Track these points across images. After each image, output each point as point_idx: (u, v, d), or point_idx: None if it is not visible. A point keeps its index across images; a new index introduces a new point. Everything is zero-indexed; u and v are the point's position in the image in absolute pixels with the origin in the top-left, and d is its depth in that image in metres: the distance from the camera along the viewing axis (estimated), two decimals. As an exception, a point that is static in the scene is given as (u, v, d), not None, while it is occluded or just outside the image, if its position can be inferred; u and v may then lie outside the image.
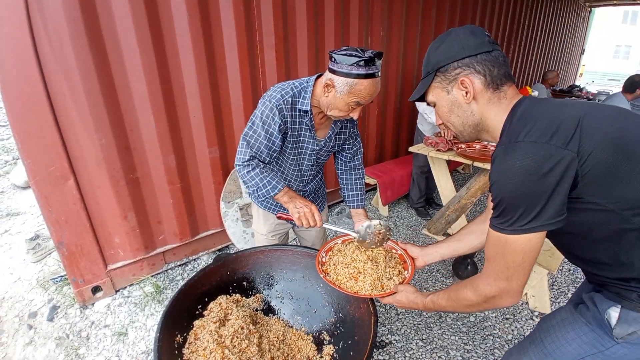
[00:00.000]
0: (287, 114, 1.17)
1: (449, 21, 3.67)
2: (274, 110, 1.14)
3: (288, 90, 1.17)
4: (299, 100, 1.18)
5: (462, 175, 4.17)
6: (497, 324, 1.87)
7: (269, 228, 1.54)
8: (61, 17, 1.50)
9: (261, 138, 1.18)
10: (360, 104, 1.12)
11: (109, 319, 1.91)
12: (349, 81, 1.06)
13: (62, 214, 1.73)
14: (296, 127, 1.22)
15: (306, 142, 1.28)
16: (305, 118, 1.22)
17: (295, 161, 1.32)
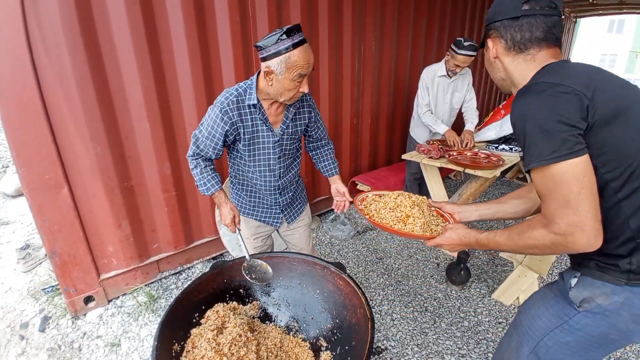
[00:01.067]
0: (233, 114, 1.22)
1: (439, 30, 3.77)
2: (217, 113, 1.22)
3: (232, 92, 1.23)
4: (245, 98, 1.23)
5: (453, 181, 4.24)
6: (490, 328, 1.90)
7: (251, 232, 1.57)
8: (58, 25, 1.52)
9: (204, 138, 1.27)
10: (302, 74, 1.13)
11: (101, 330, 1.88)
12: (282, 58, 1.09)
13: (55, 223, 1.72)
14: (249, 124, 1.26)
15: (264, 136, 1.30)
16: (256, 112, 1.25)
17: (259, 156, 1.34)
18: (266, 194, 1.46)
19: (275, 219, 1.53)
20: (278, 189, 1.46)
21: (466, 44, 2.37)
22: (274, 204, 1.49)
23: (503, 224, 2.91)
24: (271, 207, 1.50)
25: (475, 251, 2.66)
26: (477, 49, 2.41)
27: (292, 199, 1.55)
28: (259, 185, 1.43)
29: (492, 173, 2.11)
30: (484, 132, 2.81)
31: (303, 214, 1.62)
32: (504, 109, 2.77)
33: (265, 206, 1.50)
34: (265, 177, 1.40)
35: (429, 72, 2.67)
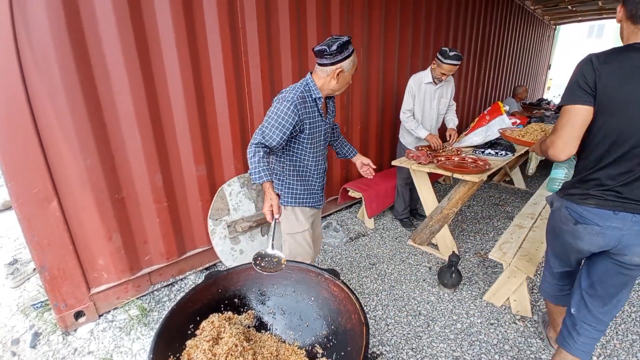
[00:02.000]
0: (301, 107, 1.44)
1: (425, 39, 3.88)
2: (288, 106, 1.41)
3: (299, 88, 1.48)
4: (308, 94, 1.49)
5: (443, 186, 4.31)
6: (482, 330, 1.93)
7: (308, 222, 1.72)
8: (47, 37, 1.52)
9: (272, 128, 1.42)
10: (350, 81, 1.56)
11: (92, 345, 1.84)
12: (352, 58, 1.46)
13: (44, 237, 1.69)
14: (311, 115, 1.50)
15: (320, 124, 1.56)
16: (315, 105, 1.52)
17: (316, 142, 1.58)
18: (316, 177, 1.68)
19: (320, 201, 1.75)
20: (324, 171, 1.71)
21: (451, 54, 2.45)
22: (320, 186, 1.71)
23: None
24: (317, 191, 1.71)
25: (466, 254, 2.71)
26: (461, 58, 2.49)
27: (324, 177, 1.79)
28: (312, 170, 1.64)
29: (480, 177, 2.16)
30: (470, 137, 2.88)
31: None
32: (488, 114, 2.85)
33: (314, 190, 1.70)
34: (318, 161, 1.64)
35: (415, 79, 2.74)
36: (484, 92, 5.83)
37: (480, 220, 3.35)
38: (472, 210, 3.60)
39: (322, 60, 1.45)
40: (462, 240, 2.94)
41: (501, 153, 2.62)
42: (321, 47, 1.41)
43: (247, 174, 2.40)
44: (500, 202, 3.82)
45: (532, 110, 5.39)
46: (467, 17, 4.63)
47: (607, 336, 1.87)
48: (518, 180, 4.32)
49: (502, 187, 4.33)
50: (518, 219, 2.48)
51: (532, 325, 1.96)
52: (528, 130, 2.63)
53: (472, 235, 3.05)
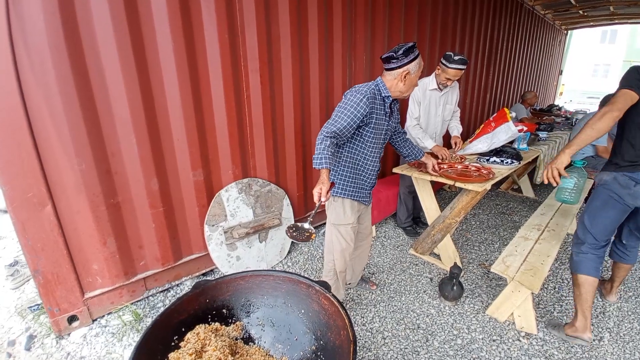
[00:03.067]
0: (371, 101, 1.57)
1: (430, 43, 3.82)
2: (362, 98, 1.55)
3: (371, 86, 1.63)
4: (379, 93, 1.63)
5: (448, 193, 4.22)
6: (484, 346, 1.85)
7: (355, 217, 1.82)
8: (44, 42, 1.52)
9: (345, 117, 1.54)
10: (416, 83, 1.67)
11: (84, 350, 1.83)
12: (418, 61, 1.60)
13: (38, 241, 1.69)
14: (378, 112, 1.63)
15: (383, 122, 1.68)
16: (386, 103, 1.66)
17: (377, 138, 1.69)
18: (369, 175, 1.78)
19: (368, 198, 1.86)
20: (377, 171, 1.82)
21: (456, 58, 2.39)
22: (370, 185, 1.82)
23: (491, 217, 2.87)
24: (367, 188, 1.82)
25: (469, 264, 2.63)
26: (466, 62, 2.43)
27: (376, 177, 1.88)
28: (367, 167, 1.74)
29: (483, 186, 2.09)
30: (475, 144, 2.81)
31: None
32: (494, 121, 2.77)
33: (365, 187, 1.80)
34: (374, 158, 1.75)
35: (420, 86, 2.69)
36: (492, 97, 5.73)
37: (486, 230, 3.25)
38: (478, 219, 3.51)
39: (389, 65, 1.60)
40: (466, 250, 2.85)
41: (507, 161, 2.54)
42: (389, 53, 1.57)
43: (245, 180, 2.37)
44: (507, 211, 3.71)
45: (541, 117, 5.26)
46: (475, 21, 4.56)
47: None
48: (526, 188, 4.20)
49: (509, 195, 4.22)
50: (524, 230, 2.40)
51: (537, 342, 1.87)
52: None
53: (477, 245, 2.96)
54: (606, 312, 2.11)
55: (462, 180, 2.13)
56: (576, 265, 1.84)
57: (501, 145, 2.70)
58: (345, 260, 1.89)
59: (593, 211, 1.78)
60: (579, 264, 1.83)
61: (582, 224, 1.83)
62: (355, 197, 1.78)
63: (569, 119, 4.96)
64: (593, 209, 1.78)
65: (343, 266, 1.90)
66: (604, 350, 1.82)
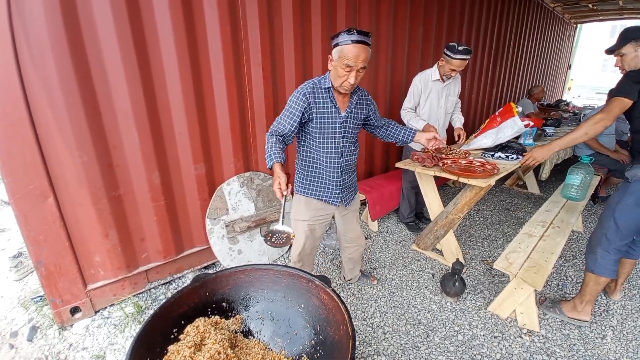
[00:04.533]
0: (310, 95, 1.51)
1: (436, 36, 3.76)
2: (298, 96, 1.51)
3: (309, 82, 1.56)
4: (320, 85, 1.55)
5: (452, 189, 4.19)
6: (485, 343, 1.84)
7: (310, 214, 1.75)
8: (44, 34, 1.51)
9: (284, 117, 1.53)
10: (349, 65, 1.41)
11: (87, 341, 1.84)
12: (337, 49, 1.41)
13: (40, 233, 1.70)
14: (321, 105, 1.54)
15: (333, 116, 1.57)
16: (328, 96, 1.55)
17: (327, 134, 1.59)
18: (329, 172, 1.67)
19: (335, 198, 1.73)
20: (339, 167, 1.67)
21: (460, 48, 2.36)
22: (334, 183, 1.70)
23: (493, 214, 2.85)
24: (331, 186, 1.70)
25: (472, 261, 2.61)
26: (470, 52, 2.39)
27: (349, 182, 1.78)
28: (323, 164, 1.65)
29: (487, 182, 2.06)
30: (480, 139, 2.77)
31: (357, 198, 1.92)
32: (500, 116, 2.73)
33: (326, 185, 1.70)
34: (330, 154, 1.63)
35: (422, 77, 2.66)
36: (499, 92, 5.64)
37: (490, 226, 3.22)
38: (482, 214, 3.48)
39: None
40: (469, 247, 2.83)
41: (512, 157, 2.50)
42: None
43: (247, 173, 2.36)
44: (512, 207, 3.68)
45: (549, 112, 5.18)
46: (482, 14, 4.47)
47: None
48: (531, 184, 4.15)
49: (514, 192, 4.17)
50: (528, 226, 2.37)
51: (539, 340, 1.85)
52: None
53: (480, 241, 2.93)
54: (610, 310, 2.09)
55: (466, 176, 2.10)
56: (600, 267, 1.79)
57: (507, 140, 2.66)
58: (298, 253, 1.86)
59: (627, 209, 1.68)
60: (603, 267, 1.79)
61: (613, 223, 1.72)
62: (311, 195, 1.72)
63: (577, 115, 4.88)
64: (626, 206, 1.68)
65: (296, 257, 1.89)
66: (606, 349, 1.80)
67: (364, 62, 1.43)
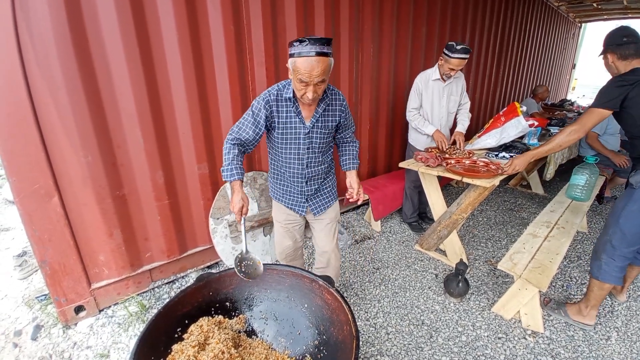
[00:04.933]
0: (273, 103, 1.40)
1: (439, 37, 3.74)
2: (261, 102, 1.40)
3: (274, 87, 1.44)
4: (283, 92, 1.41)
5: (455, 189, 4.17)
6: (489, 344, 1.83)
7: (282, 217, 1.71)
8: (49, 34, 1.52)
9: (247, 122, 1.41)
10: (303, 81, 1.25)
11: (91, 340, 1.85)
12: (291, 60, 1.26)
13: (45, 232, 1.71)
14: (284, 115, 1.43)
15: (297, 127, 1.45)
16: (291, 105, 1.42)
17: (290, 145, 1.49)
18: (293, 181, 1.59)
19: (300, 207, 1.65)
20: (304, 178, 1.57)
21: (459, 48, 2.35)
22: (300, 192, 1.62)
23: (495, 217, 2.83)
24: (297, 195, 1.63)
25: (476, 261, 2.60)
26: (469, 51, 2.38)
27: (318, 191, 1.67)
28: (287, 173, 1.57)
29: (491, 182, 2.05)
30: (483, 139, 2.75)
31: (330, 209, 1.72)
32: (504, 115, 2.71)
33: (292, 194, 1.63)
34: (293, 165, 1.54)
35: (422, 77, 2.66)
36: (503, 91, 5.61)
37: (493, 226, 3.21)
38: (485, 215, 3.46)
39: None
40: (473, 247, 2.82)
41: (516, 157, 2.48)
42: None
43: (250, 173, 2.36)
44: (516, 208, 3.66)
45: (553, 112, 5.15)
46: (486, 13, 4.45)
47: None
48: (535, 184, 4.13)
49: (518, 192, 4.15)
50: (532, 227, 2.35)
51: (543, 341, 1.84)
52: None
53: (484, 241, 2.92)
54: (614, 311, 2.07)
55: (470, 176, 2.09)
56: (605, 274, 1.76)
57: (511, 140, 2.65)
58: (280, 252, 1.82)
59: (632, 215, 1.61)
60: (607, 274, 1.75)
61: (618, 230, 1.67)
62: (279, 201, 1.68)
63: (581, 114, 4.85)
64: (631, 213, 1.61)
65: (280, 257, 1.85)
66: (611, 350, 1.79)
67: (321, 75, 1.24)
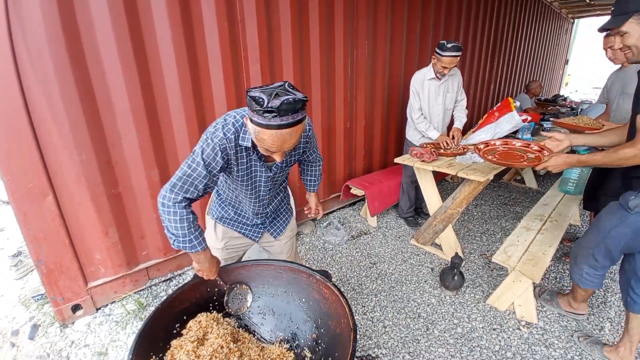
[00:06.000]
0: (231, 152, 1.11)
1: (434, 33, 3.76)
2: (217, 150, 1.08)
3: (229, 129, 1.10)
4: (240, 136, 1.11)
5: (450, 184, 4.21)
6: (484, 335, 1.86)
7: (224, 242, 1.50)
8: (42, 33, 1.51)
9: (201, 177, 1.10)
10: (271, 151, 1.02)
11: (89, 338, 1.85)
12: (252, 127, 0.99)
13: (40, 231, 1.70)
14: (244, 162, 1.18)
15: (258, 173, 1.24)
16: (252, 153, 1.17)
17: (250, 189, 1.30)
18: (250, 215, 1.45)
19: (256, 234, 1.51)
20: (262, 207, 1.43)
21: (449, 46, 2.37)
22: (253, 224, 1.49)
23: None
24: (251, 222, 1.48)
25: (471, 255, 2.63)
26: (460, 49, 2.40)
27: (276, 215, 1.54)
28: (242, 204, 1.41)
29: (485, 176, 2.08)
30: (478, 134, 2.78)
31: (287, 229, 1.58)
32: (497, 111, 2.74)
33: (247, 222, 1.48)
34: (252, 203, 1.38)
35: (418, 76, 2.67)
36: (496, 87, 5.65)
37: (488, 221, 3.24)
38: (480, 209, 3.50)
39: None
40: (468, 241, 2.85)
41: (510, 151, 2.51)
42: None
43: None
44: (510, 202, 3.70)
45: (546, 107, 5.20)
46: (480, 9, 4.47)
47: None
48: (529, 179, 4.17)
49: (512, 186, 4.19)
50: (526, 220, 2.39)
51: (537, 332, 1.88)
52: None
53: (479, 235, 2.95)
54: (607, 302, 2.11)
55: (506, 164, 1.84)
56: (586, 282, 1.71)
57: (504, 135, 2.67)
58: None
59: (621, 237, 1.49)
60: (589, 281, 1.70)
61: (603, 248, 1.56)
62: (228, 225, 1.47)
63: (575, 109, 4.90)
64: (622, 235, 1.48)
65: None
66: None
67: (295, 143, 1.01)
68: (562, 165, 1.54)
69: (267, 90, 0.94)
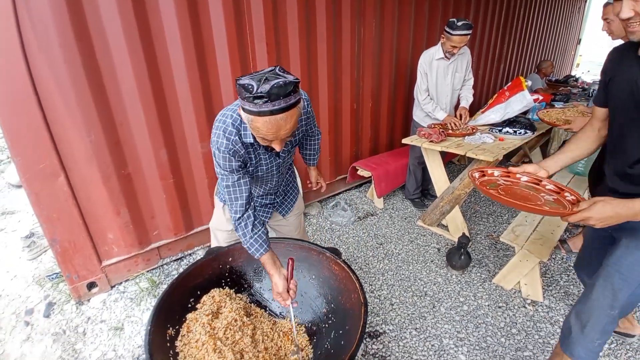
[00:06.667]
0: (241, 152, 1.13)
1: (443, 12, 3.64)
2: (227, 157, 1.11)
3: (230, 129, 1.09)
4: (241, 134, 1.11)
5: (457, 166, 4.18)
6: (489, 312, 1.89)
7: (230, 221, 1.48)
8: (48, 12, 1.48)
9: (236, 180, 1.15)
10: (267, 139, 1.00)
11: (105, 314, 1.91)
12: (245, 115, 0.96)
13: (53, 211, 1.73)
14: (253, 157, 1.18)
15: (268, 161, 1.24)
16: (258, 147, 1.17)
17: (262, 178, 1.32)
18: (260, 198, 1.46)
19: (265, 214, 1.51)
20: (272, 190, 1.44)
21: (460, 24, 2.30)
22: (267, 202, 1.49)
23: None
24: (263, 204, 1.49)
25: (477, 236, 2.64)
26: (471, 27, 2.33)
27: (284, 194, 1.54)
28: (255, 191, 1.41)
29: (495, 156, 2.06)
30: (487, 114, 2.73)
31: (295, 207, 1.59)
32: (508, 90, 2.68)
33: (256, 204, 1.47)
34: (262, 188, 1.40)
35: (426, 56, 2.61)
36: (506, 67, 5.51)
37: (495, 202, 3.23)
38: (487, 191, 3.48)
39: None
40: (475, 222, 2.85)
41: (520, 131, 2.48)
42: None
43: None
44: (517, 184, 3.67)
45: (557, 88, 5.08)
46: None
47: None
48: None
49: (519, 169, 4.15)
50: (534, 201, 2.37)
51: (542, 310, 1.90)
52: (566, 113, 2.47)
53: (485, 217, 2.96)
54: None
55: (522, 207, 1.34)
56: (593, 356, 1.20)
57: (515, 115, 2.63)
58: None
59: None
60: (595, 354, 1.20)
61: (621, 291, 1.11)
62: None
63: (586, 90, 4.78)
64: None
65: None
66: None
67: (292, 130, 0.99)
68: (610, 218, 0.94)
69: (256, 76, 0.91)
